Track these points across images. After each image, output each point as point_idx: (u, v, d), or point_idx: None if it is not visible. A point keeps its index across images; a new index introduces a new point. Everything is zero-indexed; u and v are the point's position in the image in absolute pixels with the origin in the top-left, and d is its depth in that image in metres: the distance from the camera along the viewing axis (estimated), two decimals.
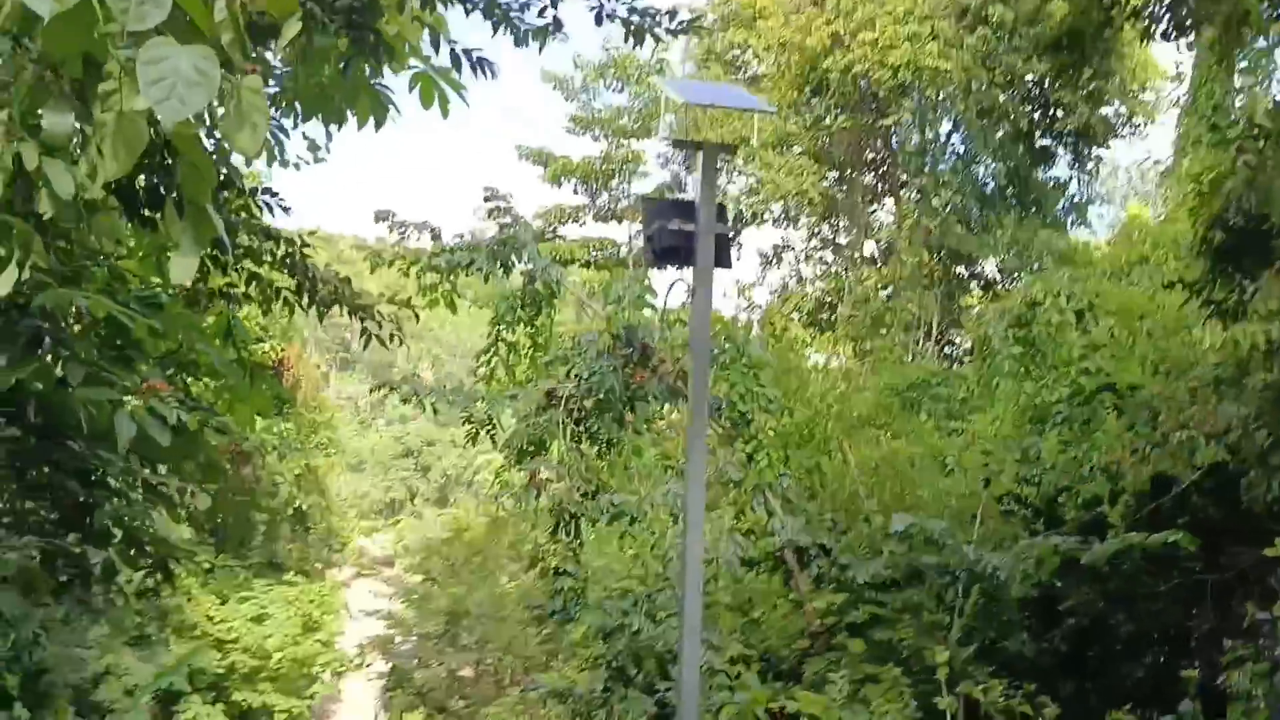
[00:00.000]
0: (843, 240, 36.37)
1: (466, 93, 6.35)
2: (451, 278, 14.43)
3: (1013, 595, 11.72)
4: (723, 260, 7.15)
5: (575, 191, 35.33)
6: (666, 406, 14.08)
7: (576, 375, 13.00)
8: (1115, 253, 15.87)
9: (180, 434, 4.69)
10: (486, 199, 13.34)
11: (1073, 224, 35.05)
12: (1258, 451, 11.19)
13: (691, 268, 7.06)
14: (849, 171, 33.88)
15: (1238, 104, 20.41)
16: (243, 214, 6.50)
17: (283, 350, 32.96)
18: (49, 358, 4.27)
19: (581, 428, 12.91)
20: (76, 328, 4.72)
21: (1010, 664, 12.18)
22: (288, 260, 6.76)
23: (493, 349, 15.09)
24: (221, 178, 6.19)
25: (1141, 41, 17.59)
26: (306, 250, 6.73)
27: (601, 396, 12.66)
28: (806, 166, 31.56)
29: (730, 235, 7.08)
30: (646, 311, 12.67)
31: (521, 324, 15.05)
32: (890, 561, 11.22)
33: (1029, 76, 30.54)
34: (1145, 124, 34.03)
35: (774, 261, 35.81)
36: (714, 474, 12.49)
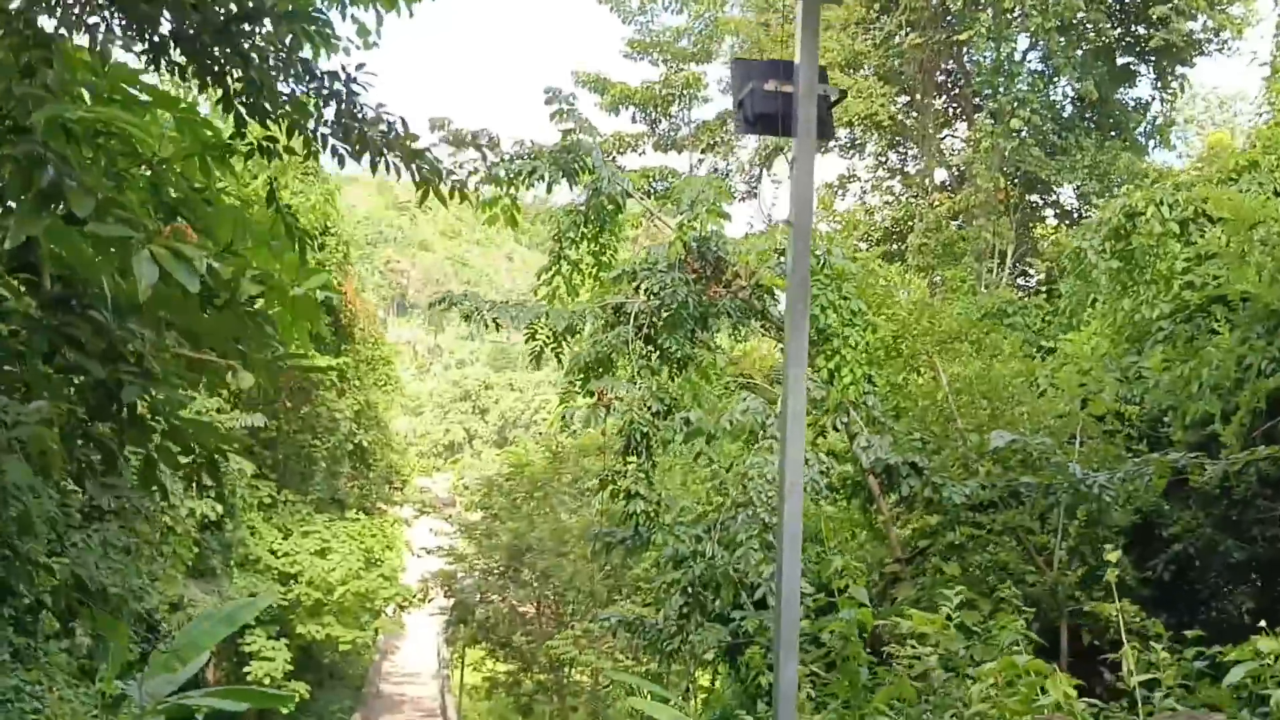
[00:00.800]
0: (911, 168, 35.06)
1: None
2: (512, 190, 13.70)
3: (1117, 519, 10.87)
4: (825, 130, 6.34)
5: (634, 120, 34.32)
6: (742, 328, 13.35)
7: (646, 290, 12.28)
8: (1219, 157, 14.67)
9: (213, 295, 4.06)
10: (548, 100, 12.56)
11: (1154, 147, 33.49)
12: None
13: (791, 137, 6.24)
14: (919, 95, 32.50)
15: None
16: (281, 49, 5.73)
17: (340, 284, 32.53)
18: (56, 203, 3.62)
19: (651, 346, 12.21)
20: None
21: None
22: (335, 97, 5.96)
23: (555, 267, 14.39)
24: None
25: None
26: (356, 88, 5.95)
27: (673, 311, 11.95)
28: (875, 88, 30.26)
29: (832, 100, 6.24)
30: (718, 224, 11.86)
31: (586, 240, 14.32)
32: (988, 480, 10.42)
33: None
34: (1233, 40, 32.18)
35: (839, 192, 34.65)
36: None
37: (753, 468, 10.26)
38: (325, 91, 5.84)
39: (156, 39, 5.46)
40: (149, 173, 5.78)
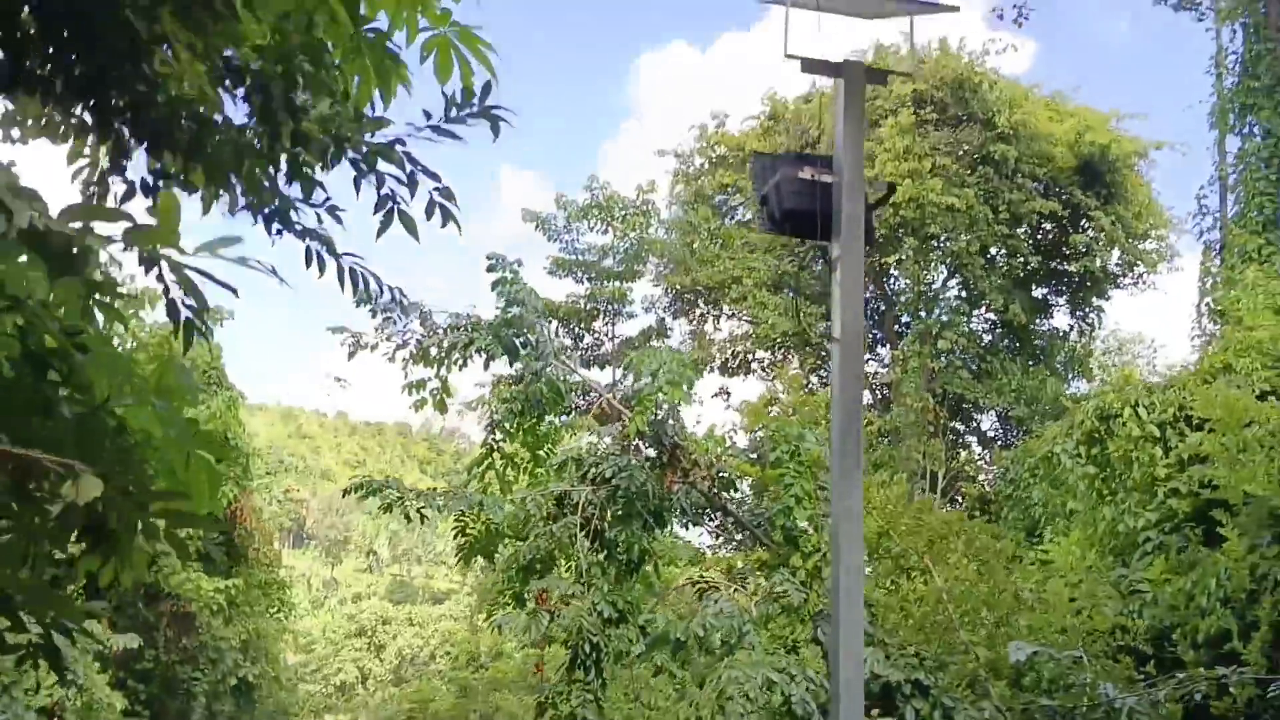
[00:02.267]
0: None
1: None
2: (444, 371, 12.35)
3: None
4: (869, 233, 5.15)
5: (556, 334, 33.54)
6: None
7: (594, 477, 10.82)
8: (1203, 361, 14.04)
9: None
10: (490, 267, 11.39)
11: (1073, 377, 33.69)
12: None
13: (826, 241, 5.03)
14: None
15: None
16: None
17: (236, 499, 30.27)
18: None
19: (599, 542, 10.64)
20: None
21: None
22: None
23: (486, 460, 12.88)
24: None
25: None
26: None
27: (627, 500, 10.48)
28: (803, 306, 30.03)
29: (880, 196, 5.13)
30: (680, 401, 10.56)
31: (522, 431, 12.90)
32: (1004, 703, 8.88)
33: (1033, 217, 29.60)
34: (1147, 274, 33.07)
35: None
36: (763, 598, 10.21)
37: (730, 683, 8.58)
38: None
39: None
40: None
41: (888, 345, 33.62)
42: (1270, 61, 18.55)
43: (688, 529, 11.50)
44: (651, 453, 10.88)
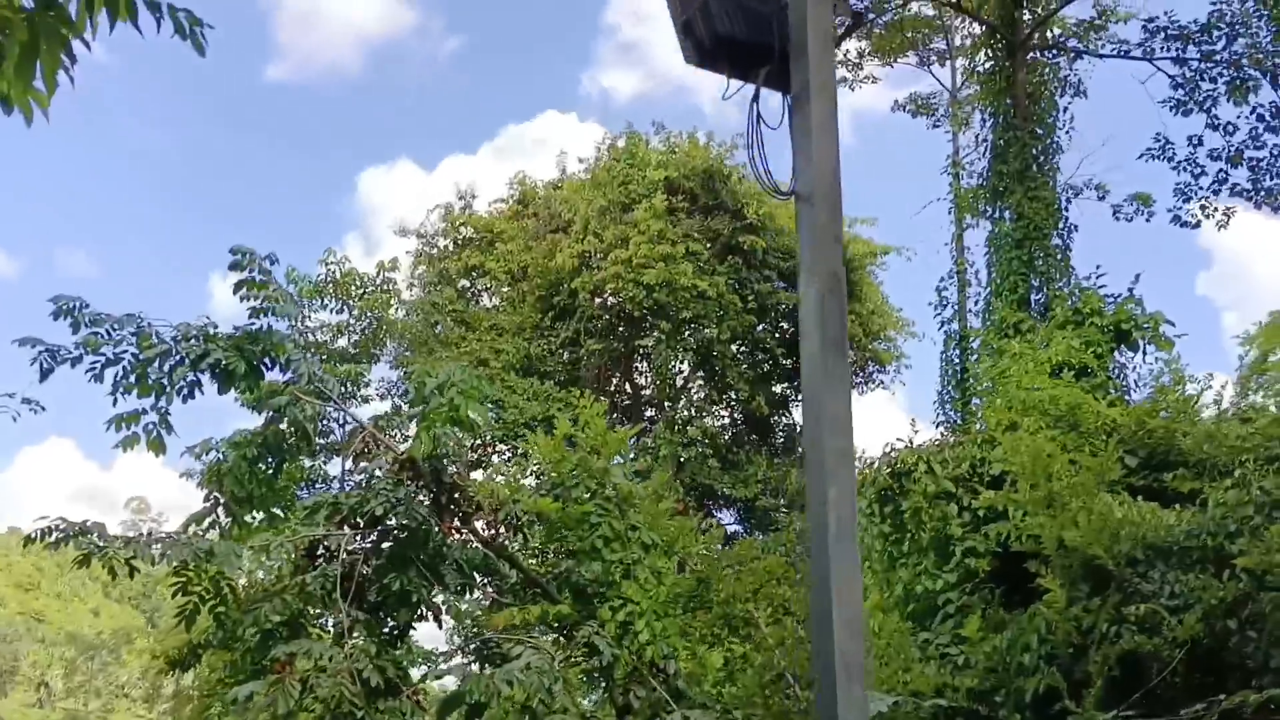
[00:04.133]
0: None
1: None
2: (164, 400, 10.08)
3: None
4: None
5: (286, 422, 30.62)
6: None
7: (360, 516, 8.85)
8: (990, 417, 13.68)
9: None
10: (235, 264, 9.34)
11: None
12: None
13: (773, 73, 3.70)
14: (597, 399, 31.41)
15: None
16: None
17: None
18: None
19: (359, 599, 8.64)
20: None
21: None
22: None
23: (210, 516, 10.56)
24: None
25: None
26: None
27: (401, 543, 8.58)
28: (552, 392, 28.79)
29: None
30: (469, 423, 8.83)
31: (256, 481, 10.70)
32: None
33: (778, 309, 29.89)
34: (877, 375, 34.11)
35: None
36: (565, 658, 8.52)
37: None
38: None
39: None
40: None
41: (637, 434, 32.86)
42: (1019, 149, 19.37)
43: (464, 593, 9.66)
44: (423, 499, 9.05)
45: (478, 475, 16.42)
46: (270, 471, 10.98)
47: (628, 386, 32.48)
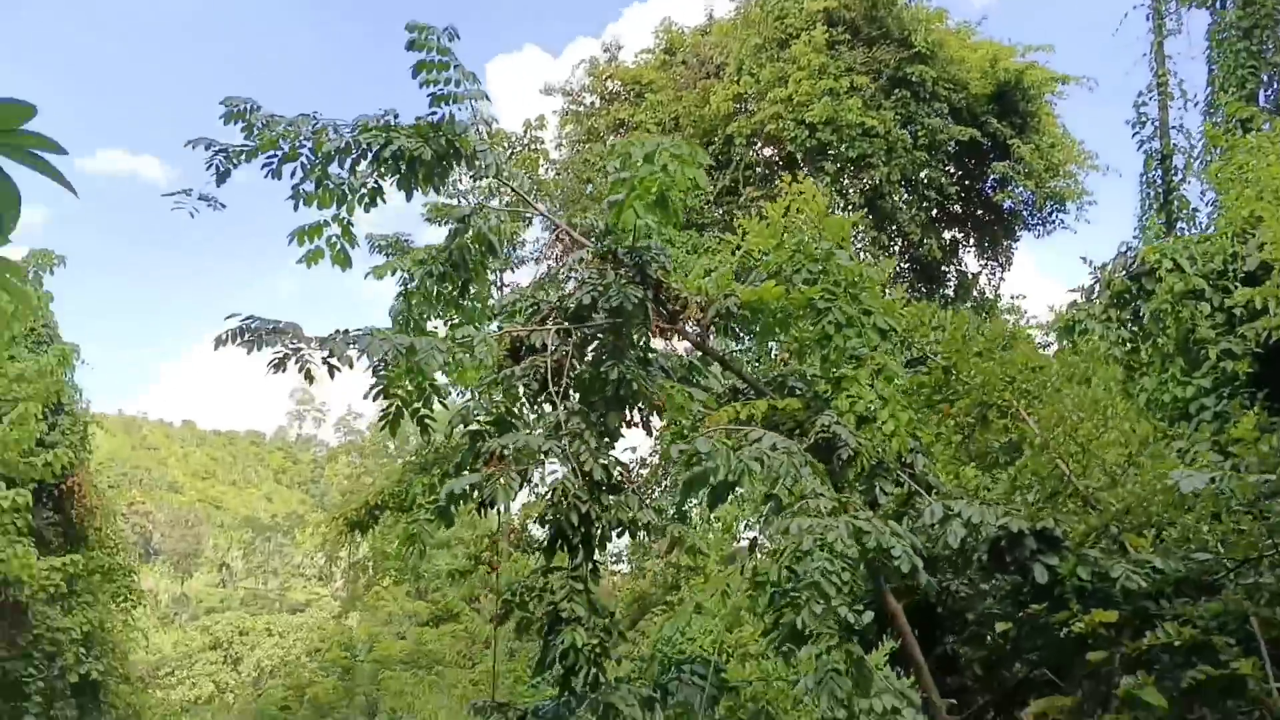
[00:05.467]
0: None
1: None
2: (345, 209, 9.52)
3: None
4: None
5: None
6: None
7: (564, 311, 8.12)
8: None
9: None
10: (412, 43, 8.54)
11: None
12: None
13: None
14: None
15: None
16: None
17: (71, 465, 26.31)
18: None
19: (567, 404, 7.94)
20: None
21: None
22: None
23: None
24: None
25: None
26: None
27: (613, 332, 7.82)
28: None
29: None
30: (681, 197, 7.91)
31: (443, 301, 10.08)
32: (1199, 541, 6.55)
33: (950, 145, 27.99)
34: (1055, 213, 31.93)
35: None
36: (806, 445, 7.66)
37: (805, 534, 5.98)
38: None
39: None
40: None
41: None
42: None
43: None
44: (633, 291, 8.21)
45: None
46: (456, 291, 10.40)
47: None
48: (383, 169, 8.90)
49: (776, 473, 6.24)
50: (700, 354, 9.14)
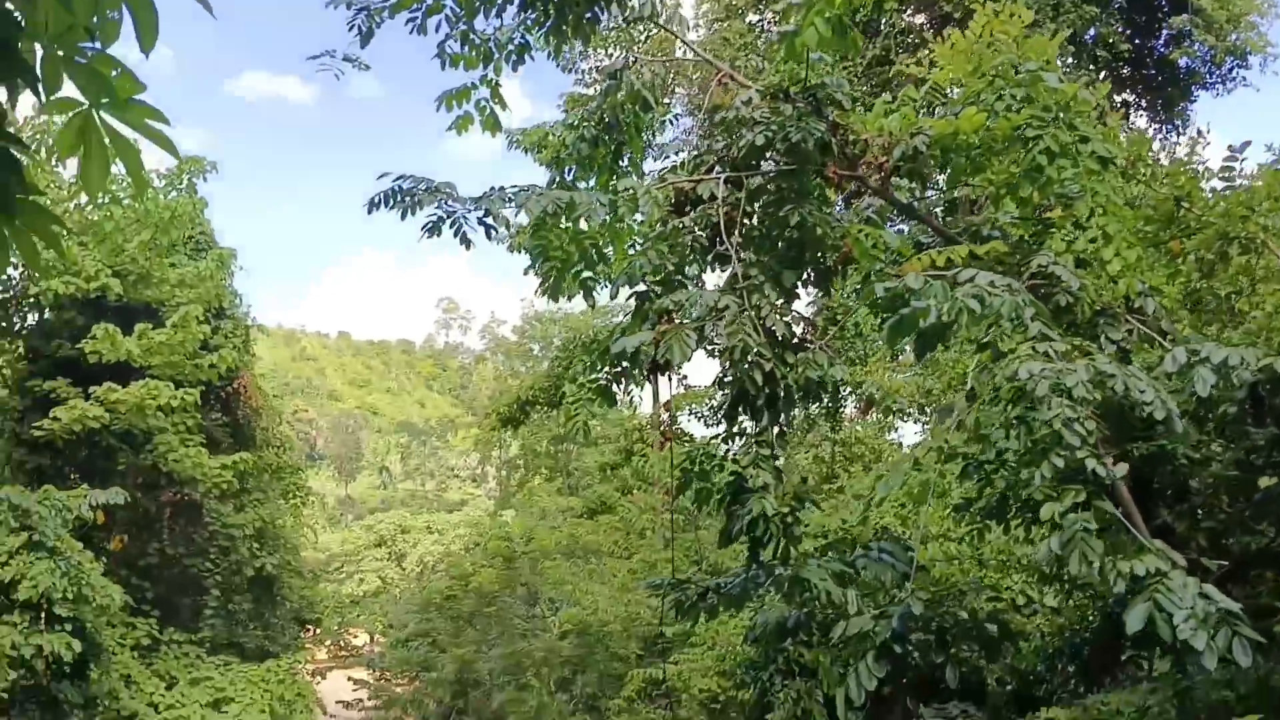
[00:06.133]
0: None
1: None
2: (493, 69, 8.95)
3: None
4: None
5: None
6: None
7: (733, 159, 7.40)
8: None
9: None
10: None
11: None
12: None
13: None
14: None
15: None
16: None
17: (235, 372, 27.06)
18: None
19: (742, 256, 7.26)
20: None
21: None
22: None
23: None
24: None
25: None
26: None
27: (791, 174, 7.09)
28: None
29: None
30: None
31: (598, 167, 9.49)
32: None
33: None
34: (1236, 71, 29.26)
35: None
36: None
37: (1038, 379, 5.23)
38: None
39: None
40: None
41: None
42: None
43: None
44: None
45: None
46: (610, 155, 9.81)
47: None
48: (531, 19, 8.28)
49: (997, 312, 5.47)
50: (876, 209, 8.31)
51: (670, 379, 8.48)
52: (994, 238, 7.67)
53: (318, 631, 35.16)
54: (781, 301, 6.75)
